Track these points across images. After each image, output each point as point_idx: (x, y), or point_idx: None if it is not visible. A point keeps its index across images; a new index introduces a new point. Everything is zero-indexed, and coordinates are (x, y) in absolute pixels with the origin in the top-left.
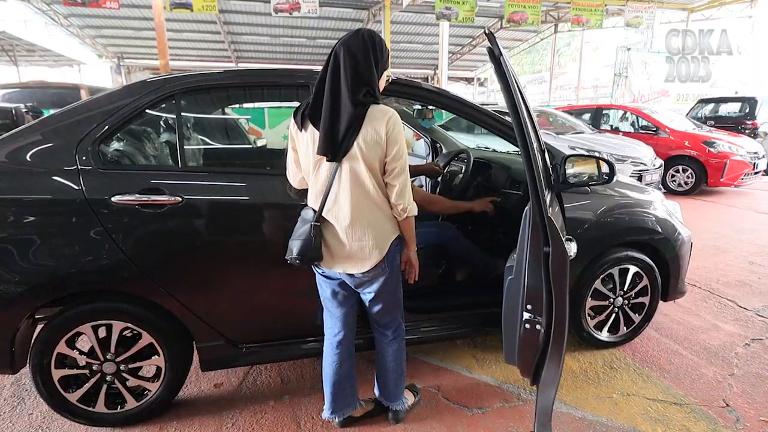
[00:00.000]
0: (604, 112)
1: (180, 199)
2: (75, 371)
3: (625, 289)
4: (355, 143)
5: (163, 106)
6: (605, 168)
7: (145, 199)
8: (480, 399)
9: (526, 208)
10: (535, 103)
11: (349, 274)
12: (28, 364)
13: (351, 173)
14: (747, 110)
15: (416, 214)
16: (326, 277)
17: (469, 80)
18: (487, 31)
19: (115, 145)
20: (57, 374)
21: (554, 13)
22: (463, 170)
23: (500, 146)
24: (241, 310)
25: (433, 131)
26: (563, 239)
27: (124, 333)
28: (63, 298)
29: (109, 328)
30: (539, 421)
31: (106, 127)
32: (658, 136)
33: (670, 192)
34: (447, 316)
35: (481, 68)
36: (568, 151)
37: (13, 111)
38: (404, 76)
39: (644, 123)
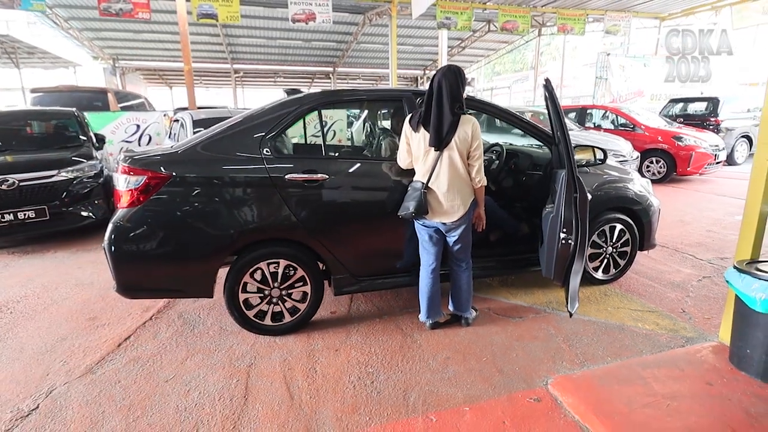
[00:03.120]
0: (588, 111)
1: (327, 176)
2: (253, 295)
3: (614, 240)
4: (452, 139)
5: (311, 114)
6: (600, 154)
7: (307, 176)
8: (518, 312)
9: (563, 172)
10: (522, 102)
11: (443, 223)
12: (224, 290)
13: (449, 158)
14: (711, 109)
15: (485, 184)
16: (425, 226)
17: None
18: (545, 80)
19: (282, 140)
20: (242, 297)
21: (539, 18)
22: (497, 158)
23: (517, 141)
24: (361, 252)
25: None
26: (585, 189)
27: (286, 270)
28: (250, 244)
29: (276, 265)
30: (570, 296)
31: (277, 130)
32: (635, 132)
33: None
34: (490, 260)
35: (469, 68)
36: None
37: (76, 113)
38: (403, 77)
39: (623, 121)
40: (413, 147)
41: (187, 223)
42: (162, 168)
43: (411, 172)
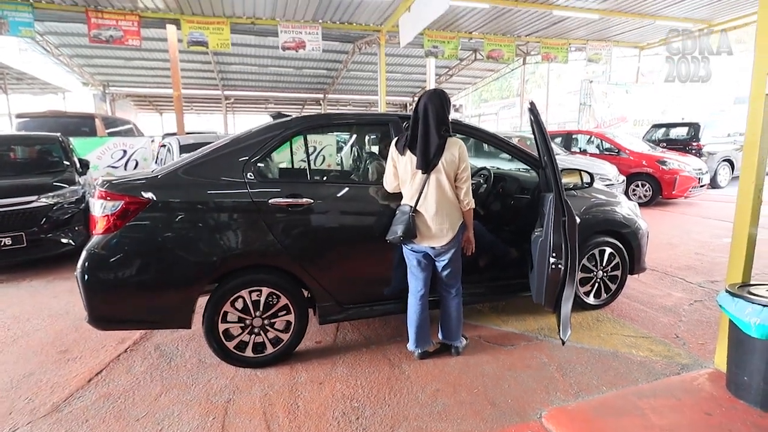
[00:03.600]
0: (573, 136)
1: (312, 200)
2: (233, 325)
3: (604, 264)
4: (439, 162)
5: (295, 138)
6: (587, 177)
7: (291, 201)
8: (510, 340)
9: (550, 196)
10: (509, 127)
11: (432, 247)
12: (202, 321)
13: (436, 181)
14: (693, 134)
15: (474, 207)
16: (414, 251)
17: (454, 107)
18: (530, 103)
19: (267, 164)
20: (222, 327)
21: (523, 47)
22: (484, 182)
23: (504, 166)
24: (347, 279)
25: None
26: (574, 212)
27: (268, 298)
28: (232, 272)
29: (259, 293)
30: (562, 323)
31: (262, 153)
32: (620, 157)
33: None
34: (480, 286)
35: (457, 95)
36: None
37: (60, 139)
38: (392, 104)
39: (607, 146)
40: (400, 170)
41: (166, 249)
42: (141, 193)
43: (398, 197)
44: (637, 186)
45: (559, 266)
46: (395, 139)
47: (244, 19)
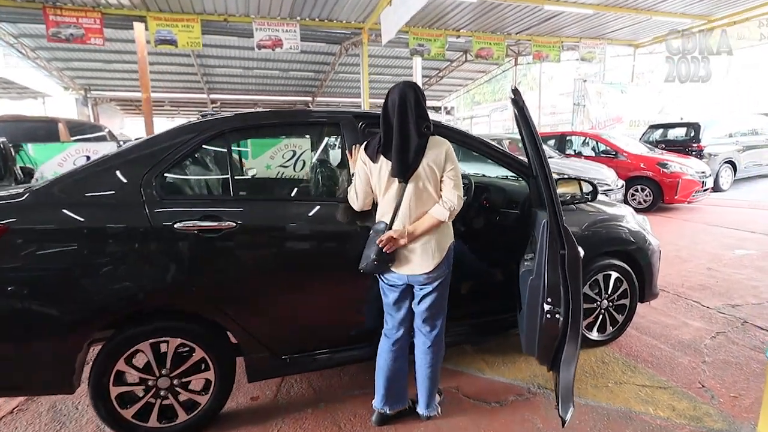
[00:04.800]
0: (567, 138)
1: (235, 223)
2: (131, 388)
3: (609, 292)
4: (420, 165)
5: (215, 142)
6: (587, 187)
7: (205, 225)
8: (496, 393)
9: (544, 220)
10: (501, 130)
11: (413, 275)
12: (88, 383)
13: (416, 190)
14: (692, 134)
15: (455, 209)
16: (391, 285)
17: (437, 109)
18: (512, 90)
19: (175, 177)
20: (115, 391)
21: (515, 48)
22: (465, 193)
23: (490, 171)
24: (287, 323)
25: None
26: (576, 243)
27: (178, 349)
28: (125, 318)
29: (166, 344)
30: (562, 395)
31: (168, 163)
32: (617, 159)
33: None
34: (461, 324)
35: (448, 97)
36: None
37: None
38: (377, 105)
39: (604, 147)
40: (373, 181)
41: (29, 291)
42: None
43: (363, 215)
44: (637, 191)
45: (557, 316)
46: (364, 143)
47: (216, 15)
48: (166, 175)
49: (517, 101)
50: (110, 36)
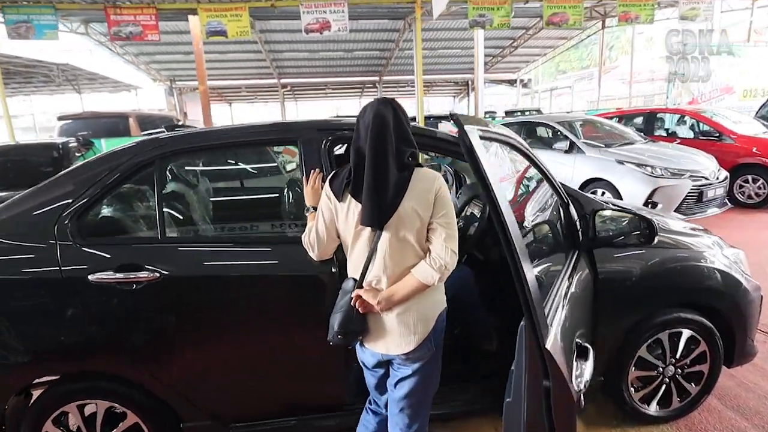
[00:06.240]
0: (658, 116)
1: (160, 273)
2: None
3: (678, 356)
4: (400, 208)
5: (143, 173)
6: (643, 225)
7: (122, 277)
8: None
9: (522, 323)
10: (582, 105)
11: (387, 355)
12: None
13: (394, 239)
14: None
15: (448, 268)
16: (366, 365)
17: (511, 82)
18: (451, 113)
19: (97, 216)
20: None
21: (600, 9)
22: (479, 216)
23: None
24: (228, 387)
25: (456, 162)
26: (568, 376)
27: (113, 411)
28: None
29: (94, 407)
30: None
31: (87, 198)
32: (721, 143)
33: (738, 205)
34: (468, 389)
35: (524, 69)
36: (597, 202)
37: (60, 146)
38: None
39: (705, 128)
40: (340, 225)
41: None
42: None
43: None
44: (746, 182)
45: None
46: (330, 176)
47: (263, 2)
48: (85, 214)
49: (460, 132)
50: (182, 28)
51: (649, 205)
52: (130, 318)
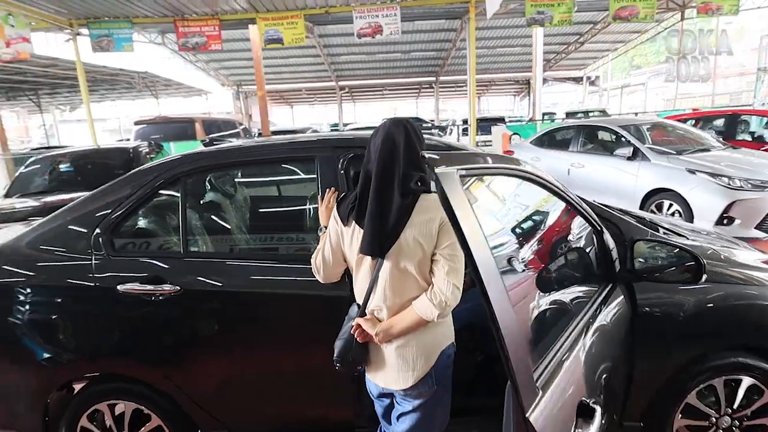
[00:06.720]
0: (741, 118)
1: (178, 287)
2: None
3: (736, 406)
4: (402, 236)
5: (169, 189)
6: (688, 259)
7: (143, 288)
8: None
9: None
10: (657, 103)
11: (389, 389)
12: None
13: (395, 269)
14: None
15: (450, 305)
16: (372, 394)
17: (577, 80)
18: (424, 155)
19: (130, 230)
20: None
21: (678, 0)
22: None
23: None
24: (245, 401)
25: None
26: None
27: (141, 412)
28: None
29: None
30: None
31: (118, 215)
32: None
33: None
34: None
35: (592, 66)
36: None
37: (131, 150)
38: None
39: None
40: (346, 249)
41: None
42: None
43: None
44: None
45: None
46: (340, 198)
47: (318, 9)
48: (117, 228)
49: (435, 177)
50: (247, 36)
51: (725, 221)
52: (151, 327)
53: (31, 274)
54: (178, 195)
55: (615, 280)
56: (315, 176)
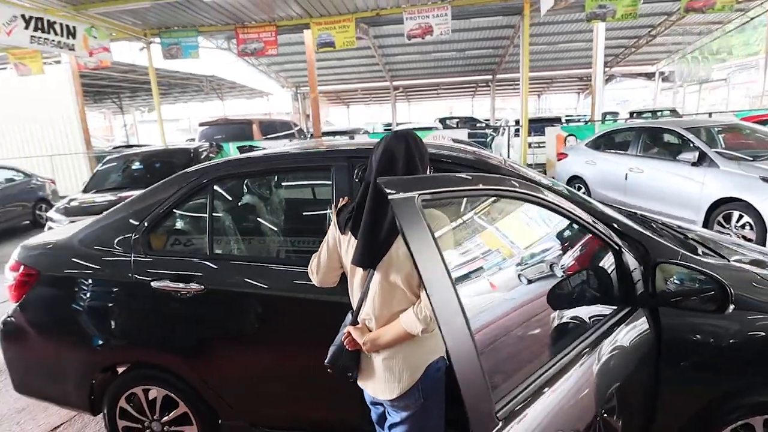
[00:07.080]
0: None
1: (203, 286)
2: (132, 424)
3: None
4: (393, 248)
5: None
6: (715, 287)
7: (173, 286)
8: None
9: None
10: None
11: (377, 399)
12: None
13: (384, 282)
14: None
15: (429, 327)
16: (369, 403)
17: (649, 76)
18: (378, 180)
19: (163, 232)
20: (121, 424)
21: None
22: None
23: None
24: (261, 395)
25: None
26: None
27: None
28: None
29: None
30: None
31: (153, 217)
32: None
33: None
34: None
35: (665, 60)
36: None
37: (192, 151)
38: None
39: None
40: (342, 256)
41: (50, 330)
42: (31, 263)
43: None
44: None
45: None
46: (339, 206)
47: (369, 12)
48: (155, 229)
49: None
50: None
51: None
52: (179, 322)
53: (83, 269)
54: (205, 201)
55: (635, 303)
56: (331, 184)
